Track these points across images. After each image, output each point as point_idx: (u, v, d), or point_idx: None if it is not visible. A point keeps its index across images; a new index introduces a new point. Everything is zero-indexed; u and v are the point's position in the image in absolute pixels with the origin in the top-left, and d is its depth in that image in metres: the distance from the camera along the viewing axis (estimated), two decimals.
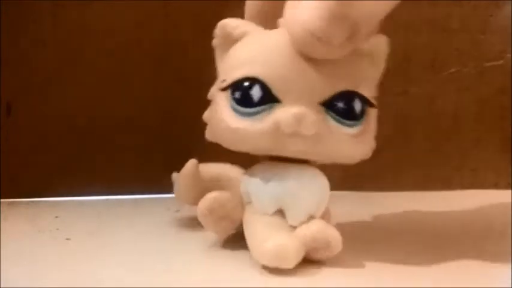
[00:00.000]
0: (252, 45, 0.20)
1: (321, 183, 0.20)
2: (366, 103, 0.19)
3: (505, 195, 0.32)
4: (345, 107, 0.19)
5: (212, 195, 0.21)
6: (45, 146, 0.33)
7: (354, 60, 0.19)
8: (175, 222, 0.27)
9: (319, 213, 0.20)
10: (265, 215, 0.20)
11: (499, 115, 0.35)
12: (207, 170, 0.25)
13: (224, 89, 0.20)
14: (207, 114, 0.21)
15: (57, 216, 0.28)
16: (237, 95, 0.19)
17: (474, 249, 0.22)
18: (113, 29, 0.32)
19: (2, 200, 0.31)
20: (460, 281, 0.18)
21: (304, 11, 0.18)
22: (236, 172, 0.25)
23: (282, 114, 0.19)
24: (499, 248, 0.23)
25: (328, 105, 0.19)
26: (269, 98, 0.19)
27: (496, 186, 0.35)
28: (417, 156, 0.35)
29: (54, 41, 0.32)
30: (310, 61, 0.19)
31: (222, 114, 0.20)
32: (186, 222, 0.27)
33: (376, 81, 0.21)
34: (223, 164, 0.26)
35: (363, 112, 0.19)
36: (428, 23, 0.34)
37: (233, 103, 0.19)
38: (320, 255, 0.19)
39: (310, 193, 0.20)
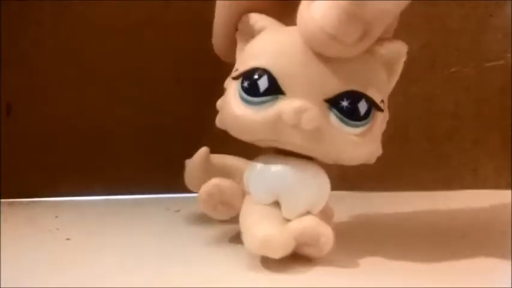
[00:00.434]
0: (267, 39, 0.20)
1: (321, 180, 0.20)
2: (373, 106, 0.19)
3: (505, 195, 0.32)
4: (349, 106, 0.19)
5: (213, 182, 0.21)
6: (45, 146, 0.33)
7: (367, 62, 0.19)
8: (175, 222, 0.27)
9: (316, 210, 0.20)
10: (261, 205, 0.20)
11: (499, 115, 0.35)
12: (218, 159, 0.26)
13: (236, 78, 0.20)
14: (219, 102, 0.21)
15: (57, 216, 0.28)
16: (245, 83, 0.20)
17: (474, 249, 0.22)
18: (113, 29, 0.32)
19: (2, 200, 0.31)
20: (460, 281, 0.18)
21: (318, 9, 0.18)
22: (246, 164, 0.25)
23: (284, 106, 0.19)
24: (499, 248, 0.23)
25: (332, 103, 0.19)
26: (274, 89, 0.19)
27: (496, 186, 0.35)
28: (417, 156, 0.35)
29: (54, 41, 0.32)
30: (321, 58, 0.19)
31: (230, 101, 0.20)
32: (186, 222, 0.27)
33: (389, 87, 0.21)
34: (234, 156, 0.26)
35: (368, 114, 0.19)
36: (428, 23, 0.34)
37: (241, 91, 0.20)
38: (310, 252, 0.20)
39: (307, 189, 0.20)
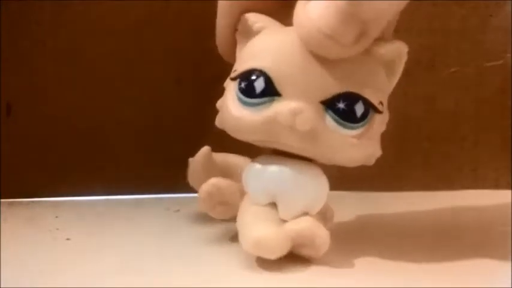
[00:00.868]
0: (265, 40, 0.20)
1: (318, 182, 0.20)
2: (370, 108, 0.19)
3: (505, 195, 0.32)
4: (345, 108, 0.19)
5: (212, 181, 0.21)
6: (45, 146, 0.33)
7: (366, 63, 0.19)
8: (175, 222, 0.27)
9: (314, 211, 0.20)
10: (258, 205, 0.20)
11: (499, 115, 0.35)
12: (220, 158, 0.26)
13: (234, 79, 0.20)
14: (219, 102, 0.21)
15: (57, 216, 0.28)
16: (242, 84, 0.20)
17: (474, 249, 0.22)
18: (114, 29, 0.32)
19: (2, 200, 0.31)
20: (460, 281, 0.18)
21: (314, 9, 0.18)
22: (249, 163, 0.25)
23: (279, 108, 0.19)
24: (499, 248, 0.23)
25: (328, 105, 0.19)
26: (271, 91, 0.19)
27: (496, 186, 0.35)
28: (417, 156, 0.35)
29: (54, 41, 0.32)
30: (318, 60, 0.19)
31: (228, 102, 0.20)
32: (186, 222, 0.27)
33: (389, 88, 0.21)
34: (237, 155, 0.26)
35: (365, 116, 0.19)
36: (428, 23, 0.34)
37: (238, 92, 0.20)
38: (306, 252, 0.20)
39: (304, 191, 0.20)
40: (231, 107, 0.20)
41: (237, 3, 0.21)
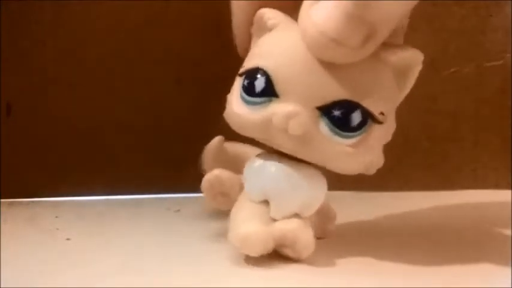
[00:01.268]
0: (273, 39, 0.20)
1: (314, 183, 0.20)
2: (369, 117, 0.19)
3: (505, 195, 0.32)
4: (340, 116, 0.18)
5: (215, 172, 0.22)
6: (45, 146, 0.33)
7: (372, 70, 0.19)
8: (176, 222, 0.27)
9: (307, 213, 0.20)
10: (252, 201, 0.20)
11: (499, 115, 0.35)
12: (233, 147, 0.26)
13: (241, 75, 0.20)
14: (229, 95, 0.21)
15: (57, 216, 0.28)
16: (245, 82, 0.20)
17: (474, 249, 0.22)
18: (114, 29, 0.32)
19: (2, 200, 0.31)
20: (459, 281, 0.18)
21: (319, 11, 0.18)
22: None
23: (275, 110, 0.19)
24: (499, 248, 0.23)
25: (324, 111, 0.19)
26: (270, 91, 0.19)
27: (496, 186, 0.35)
28: (417, 156, 0.35)
29: (54, 41, 0.32)
30: (322, 65, 0.18)
31: (232, 97, 0.21)
32: (186, 222, 0.27)
33: (399, 96, 0.20)
34: (249, 145, 0.26)
35: (363, 125, 0.19)
36: (428, 23, 0.34)
37: (241, 89, 0.20)
38: (288, 253, 0.20)
39: (296, 191, 0.20)
40: (233, 103, 0.20)
41: (250, 2, 0.21)
